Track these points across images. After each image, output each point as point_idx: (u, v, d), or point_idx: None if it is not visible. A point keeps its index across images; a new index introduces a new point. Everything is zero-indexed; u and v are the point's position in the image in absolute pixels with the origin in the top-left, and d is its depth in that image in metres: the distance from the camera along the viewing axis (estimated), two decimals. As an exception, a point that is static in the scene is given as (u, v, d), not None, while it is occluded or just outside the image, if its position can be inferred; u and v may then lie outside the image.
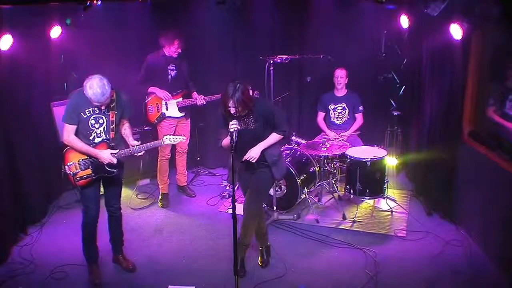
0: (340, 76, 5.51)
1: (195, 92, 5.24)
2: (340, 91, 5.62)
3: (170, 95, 5.09)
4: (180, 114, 5.21)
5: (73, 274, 4.02)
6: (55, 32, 4.79)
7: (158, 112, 5.16)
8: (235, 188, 3.47)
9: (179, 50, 5.07)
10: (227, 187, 5.75)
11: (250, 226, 3.95)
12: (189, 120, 5.38)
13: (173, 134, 5.31)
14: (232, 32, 5.87)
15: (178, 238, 4.67)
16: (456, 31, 4.12)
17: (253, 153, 3.70)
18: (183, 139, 3.99)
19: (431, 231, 4.58)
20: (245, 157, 3.71)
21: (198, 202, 5.50)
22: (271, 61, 4.66)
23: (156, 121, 5.19)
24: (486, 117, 4.32)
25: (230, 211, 3.52)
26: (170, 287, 3.83)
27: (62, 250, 4.34)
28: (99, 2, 4.36)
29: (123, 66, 5.84)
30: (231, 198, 3.46)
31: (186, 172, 5.69)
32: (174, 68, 5.15)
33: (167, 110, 5.17)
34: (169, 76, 5.14)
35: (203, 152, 6.43)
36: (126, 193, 5.76)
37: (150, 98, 5.17)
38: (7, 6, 3.99)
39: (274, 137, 3.76)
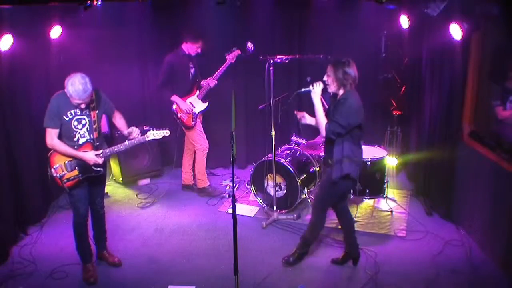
0: None
1: (201, 81, 5.33)
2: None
3: (191, 107, 5.22)
4: (205, 105, 5.34)
5: (73, 274, 4.02)
6: (55, 32, 4.79)
7: (190, 114, 5.24)
8: (235, 188, 3.47)
9: (199, 51, 5.16)
10: (227, 187, 5.76)
11: (314, 223, 4.03)
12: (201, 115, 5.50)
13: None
14: (232, 32, 5.86)
15: (178, 238, 4.67)
16: (456, 31, 4.13)
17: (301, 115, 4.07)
18: (166, 133, 4.03)
19: (431, 231, 4.58)
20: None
21: (198, 202, 5.50)
22: (271, 61, 4.66)
23: (193, 123, 5.28)
24: (486, 117, 4.33)
25: (230, 211, 3.52)
26: (170, 287, 3.83)
27: (62, 250, 4.34)
28: (99, 2, 4.36)
29: (123, 66, 5.87)
30: (231, 198, 3.46)
31: (191, 170, 5.74)
32: (193, 66, 5.25)
33: (195, 107, 5.28)
34: (190, 75, 5.22)
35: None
36: (126, 193, 5.78)
37: (176, 106, 5.25)
38: (7, 6, 3.98)
39: (320, 122, 3.74)
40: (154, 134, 3.98)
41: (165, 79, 5.14)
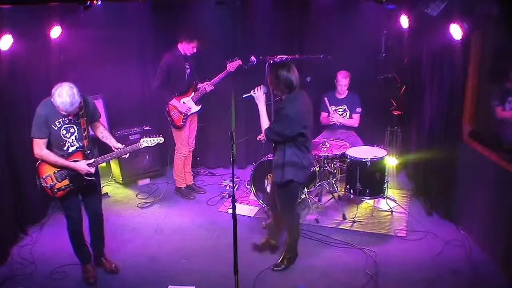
0: (344, 84, 5.49)
1: (199, 83, 5.32)
2: (342, 94, 5.62)
3: (190, 108, 5.23)
4: (198, 108, 5.33)
5: (72, 274, 4.02)
6: (55, 32, 4.79)
7: (181, 114, 5.23)
8: (235, 188, 3.47)
9: (195, 50, 5.14)
10: (227, 187, 5.76)
11: (287, 228, 4.06)
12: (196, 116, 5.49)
13: (188, 132, 5.41)
14: (232, 32, 5.86)
15: (178, 238, 4.67)
16: (456, 31, 4.13)
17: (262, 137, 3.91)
18: (160, 140, 3.91)
19: (431, 231, 4.58)
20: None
21: (198, 202, 5.50)
22: (271, 61, 4.65)
23: (182, 123, 5.27)
24: (486, 117, 4.33)
25: (230, 211, 3.52)
26: (170, 287, 3.83)
27: (62, 250, 4.33)
28: (99, 2, 4.36)
29: (123, 66, 5.87)
30: (231, 198, 3.46)
31: (191, 170, 5.76)
32: (189, 67, 5.23)
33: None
34: (186, 76, 5.22)
35: (203, 152, 6.43)
36: (126, 193, 5.78)
37: (169, 104, 5.24)
38: (7, 6, 3.98)
39: (262, 126, 3.77)
40: (148, 142, 3.85)
41: (164, 80, 5.11)
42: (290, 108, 3.61)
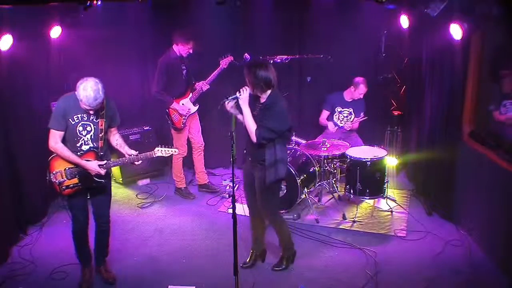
0: (364, 92, 5.49)
1: (195, 83, 5.32)
2: (352, 98, 5.60)
3: (190, 109, 5.25)
4: (196, 108, 5.34)
5: (73, 274, 4.01)
6: (55, 32, 4.79)
7: (181, 116, 5.24)
8: (235, 188, 3.47)
9: (191, 51, 5.14)
10: (227, 187, 5.76)
11: (277, 229, 4.01)
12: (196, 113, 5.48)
13: (189, 131, 5.42)
14: (232, 32, 5.86)
15: (178, 238, 4.67)
16: (456, 31, 4.13)
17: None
18: (175, 151, 3.83)
19: (431, 231, 4.58)
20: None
21: (198, 202, 5.50)
22: (271, 61, 4.66)
23: (182, 125, 5.28)
24: (486, 117, 4.33)
25: (230, 211, 3.52)
26: (170, 287, 3.83)
27: (62, 250, 4.33)
28: (99, 2, 4.36)
29: (123, 66, 5.87)
30: (231, 198, 3.46)
31: (205, 169, 5.74)
32: (185, 68, 5.22)
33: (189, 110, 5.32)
34: (183, 76, 5.21)
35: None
36: (126, 193, 5.78)
37: (170, 108, 5.24)
38: (7, 6, 3.98)
39: (250, 128, 3.64)
40: (162, 151, 3.76)
41: (164, 83, 5.09)
42: (281, 103, 3.65)
